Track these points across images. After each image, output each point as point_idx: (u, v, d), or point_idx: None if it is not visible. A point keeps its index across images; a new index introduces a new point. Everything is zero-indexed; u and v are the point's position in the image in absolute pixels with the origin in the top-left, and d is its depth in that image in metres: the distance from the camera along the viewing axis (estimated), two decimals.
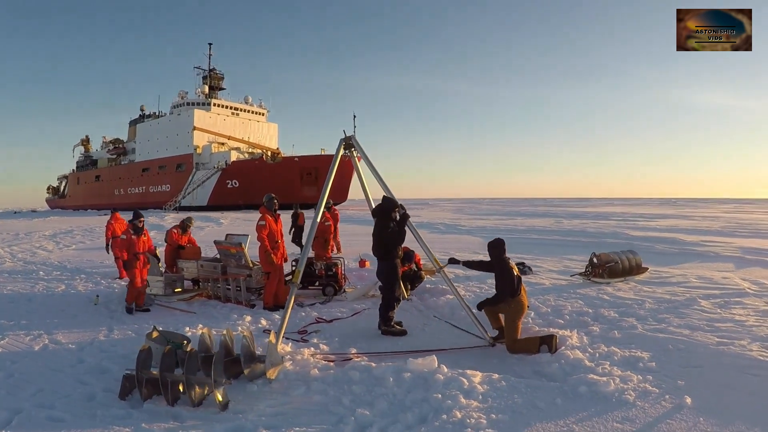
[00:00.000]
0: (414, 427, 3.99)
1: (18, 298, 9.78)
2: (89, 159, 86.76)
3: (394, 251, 6.95)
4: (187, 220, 12.43)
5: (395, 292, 6.92)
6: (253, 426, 4.13)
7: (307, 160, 58.41)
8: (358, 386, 4.75)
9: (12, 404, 4.66)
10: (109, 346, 6.54)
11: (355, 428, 4.02)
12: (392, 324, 6.83)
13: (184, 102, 68.52)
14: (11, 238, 24.37)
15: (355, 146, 7.70)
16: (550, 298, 8.24)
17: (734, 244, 16.17)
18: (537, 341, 5.88)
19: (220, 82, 72.27)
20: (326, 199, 7.42)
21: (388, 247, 6.91)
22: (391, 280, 6.91)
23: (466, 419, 4.03)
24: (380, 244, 7.00)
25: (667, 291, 8.91)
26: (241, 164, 60.06)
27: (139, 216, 9.20)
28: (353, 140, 7.66)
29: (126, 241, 8.92)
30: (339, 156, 7.61)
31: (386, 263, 6.94)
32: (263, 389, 4.93)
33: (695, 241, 16.91)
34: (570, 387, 4.67)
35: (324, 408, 4.44)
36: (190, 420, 4.34)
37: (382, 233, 6.95)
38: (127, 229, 9.13)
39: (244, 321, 7.63)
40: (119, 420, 4.35)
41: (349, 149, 7.74)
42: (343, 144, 7.63)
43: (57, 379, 5.33)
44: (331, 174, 7.43)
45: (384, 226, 6.99)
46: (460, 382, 4.61)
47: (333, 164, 7.56)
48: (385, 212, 7.06)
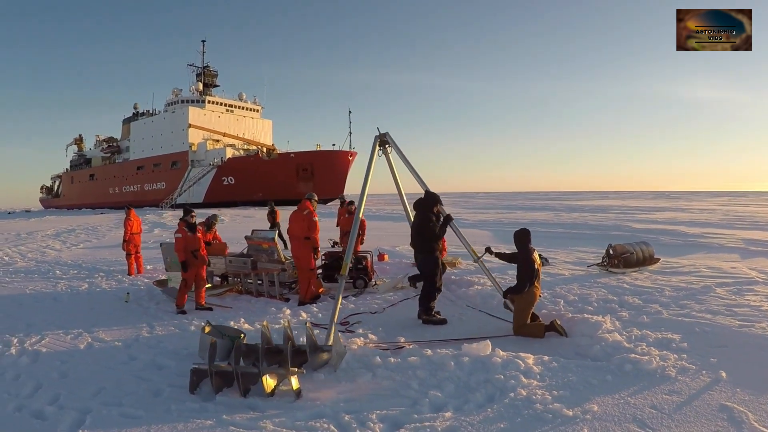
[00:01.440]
0: (484, 405, 4.31)
1: (43, 297, 9.78)
2: (83, 158, 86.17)
3: (436, 245, 7.24)
4: (212, 218, 12.46)
5: (436, 283, 7.22)
6: (334, 412, 4.30)
7: (303, 156, 58.55)
8: (421, 371, 5.04)
9: (77, 404, 4.65)
10: (155, 343, 6.58)
11: (431, 409, 4.31)
12: (433, 314, 7.15)
13: (178, 99, 68.25)
14: (14, 239, 24.27)
15: (390, 142, 7.99)
16: (575, 287, 8.66)
17: (736, 236, 16.69)
18: (543, 328, 6.30)
19: (213, 79, 72.14)
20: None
21: (430, 240, 7.17)
22: (433, 272, 7.20)
23: (531, 396, 4.39)
24: (421, 237, 7.25)
25: (681, 280, 9.36)
26: (237, 161, 60.08)
27: (190, 211, 8.79)
28: (388, 137, 7.93)
29: (182, 240, 8.33)
30: (375, 153, 7.86)
31: (429, 257, 7.21)
32: (329, 377, 5.11)
33: (698, 233, 17.42)
34: (616, 365, 5.08)
35: (395, 392, 4.69)
36: (269, 409, 4.44)
37: (424, 226, 7.19)
38: (182, 227, 8.48)
39: (284, 314, 7.80)
40: (196, 413, 4.41)
41: (383, 146, 8.03)
42: (378, 141, 7.92)
43: (114, 377, 5.35)
44: (369, 170, 7.66)
45: (426, 219, 7.24)
46: (516, 363, 5.00)
47: (370, 162, 7.77)
48: (428, 206, 7.30)
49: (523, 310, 6.48)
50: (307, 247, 8.65)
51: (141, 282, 11.15)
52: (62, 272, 12.91)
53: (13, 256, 16.74)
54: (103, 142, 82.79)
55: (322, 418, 4.18)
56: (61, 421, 4.32)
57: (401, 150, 8.03)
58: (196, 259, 8.43)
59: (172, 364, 5.71)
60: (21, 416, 4.47)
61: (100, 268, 13.40)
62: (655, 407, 4.20)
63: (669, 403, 4.27)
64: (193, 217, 8.65)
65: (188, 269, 8.32)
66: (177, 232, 8.42)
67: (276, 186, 55.98)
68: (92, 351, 6.33)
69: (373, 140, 7.90)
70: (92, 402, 4.70)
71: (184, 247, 8.32)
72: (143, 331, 7.17)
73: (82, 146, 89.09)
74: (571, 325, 6.44)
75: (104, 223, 33.98)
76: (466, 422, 4.00)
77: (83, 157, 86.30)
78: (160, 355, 6.01)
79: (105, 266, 13.79)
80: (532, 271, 6.51)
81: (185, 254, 8.33)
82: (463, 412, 4.20)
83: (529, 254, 6.63)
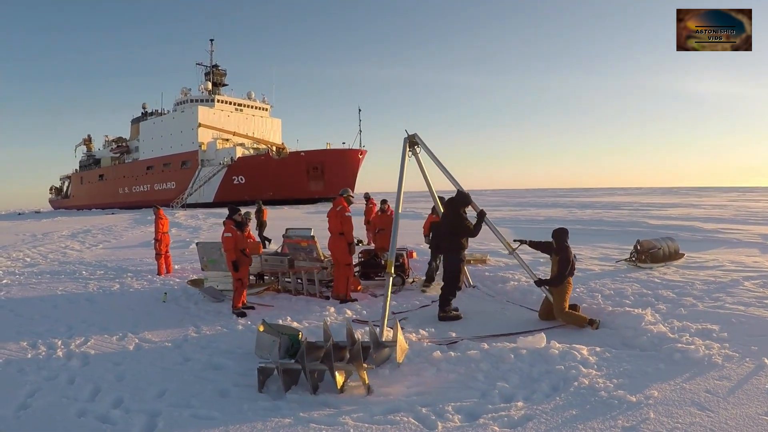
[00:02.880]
0: (551, 395, 4.57)
1: (76, 298, 9.73)
2: (92, 158, 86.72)
3: (465, 243, 7.46)
4: (246, 215, 12.86)
5: (459, 282, 7.47)
6: (409, 405, 4.42)
7: (313, 154, 58.84)
8: (483, 364, 5.27)
9: (143, 407, 4.62)
10: (206, 343, 6.56)
11: (501, 399, 4.55)
12: (449, 310, 7.35)
13: (187, 99, 68.61)
14: (31, 239, 24.41)
15: (419, 143, 8.16)
16: (608, 282, 8.96)
17: (752, 231, 16.93)
18: (586, 319, 6.67)
19: (222, 78, 72.48)
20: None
21: (460, 237, 7.39)
22: (459, 270, 7.44)
23: (594, 384, 4.67)
24: (453, 235, 7.43)
25: (708, 274, 9.62)
26: (248, 160, 60.36)
27: (237, 210, 8.63)
28: (417, 137, 8.11)
29: (233, 239, 8.17)
30: (406, 154, 8.00)
31: (456, 255, 7.43)
32: (394, 372, 5.25)
33: (714, 229, 17.65)
34: (665, 355, 5.39)
35: (463, 384, 4.88)
36: (344, 405, 4.50)
37: (459, 224, 7.38)
38: (230, 226, 8.32)
39: (329, 312, 7.92)
40: (272, 412, 4.43)
41: (413, 147, 8.20)
42: (408, 142, 8.01)
43: (174, 378, 5.31)
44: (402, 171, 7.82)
45: (461, 216, 7.44)
46: (573, 354, 5.30)
47: (402, 162, 7.93)
48: (460, 205, 7.52)
49: (562, 296, 6.85)
50: (343, 243, 8.73)
51: (173, 282, 11.24)
52: (89, 273, 12.98)
53: (34, 257, 16.83)
54: (112, 142, 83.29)
55: (399, 412, 4.31)
56: (132, 424, 4.29)
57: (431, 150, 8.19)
58: (246, 258, 8.38)
59: (229, 363, 5.74)
60: (87, 421, 4.39)
61: (126, 269, 13.50)
62: (710, 392, 4.51)
63: (721, 388, 4.58)
64: (240, 216, 8.55)
65: (240, 268, 8.25)
66: (226, 231, 8.27)
67: (287, 185, 56.31)
68: (143, 352, 6.31)
69: (403, 141, 8.01)
70: (159, 404, 4.66)
71: (235, 246, 8.19)
72: (190, 331, 7.18)
73: (91, 147, 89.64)
74: (613, 317, 6.76)
75: (118, 224, 34.31)
76: (539, 410, 4.24)
77: (92, 158, 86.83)
78: (215, 355, 6.03)
79: (131, 266, 13.89)
80: (571, 268, 6.93)
81: (236, 253, 8.19)
82: (533, 401, 4.44)
83: (568, 251, 6.99)
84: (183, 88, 70.33)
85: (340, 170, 57.88)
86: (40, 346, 6.57)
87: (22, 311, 8.67)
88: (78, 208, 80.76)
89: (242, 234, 8.42)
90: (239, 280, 8.25)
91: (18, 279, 12.24)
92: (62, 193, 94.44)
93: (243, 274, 8.34)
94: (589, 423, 3.98)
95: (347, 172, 59.00)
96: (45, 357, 6.16)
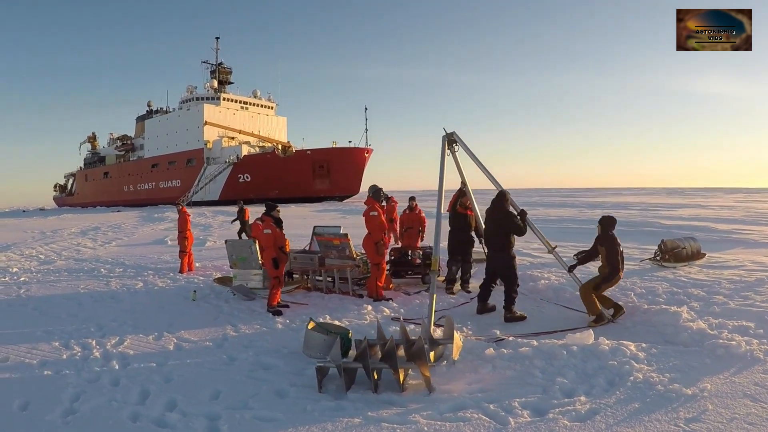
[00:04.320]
0: (610, 389, 4.70)
1: (100, 296, 9.65)
2: (97, 156, 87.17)
3: (513, 241, 7.59)
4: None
5: (517, 280, 7.55)
6: (475, 402, 4.46)
7: (320, 153, 59.13)
8: (537, 360, 5.35)
9: (201, 409, 4.50)
10: (248, 342, 6.47)
11: (563, 394, 4.62)
12: (515, 311, 7.43)
13: (192, 97, 68.91)
14: (40, 237, 24.38)
15: (458, 141, 8.29)
16: (637, 281, 9.14)
17: (766, 232, 17.12)
18: (598, 310, 6.88)
19: (228, 76, 72.82)
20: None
21: (510, 236, 7.50)
22: (514, 269, 7.53)
23: (649, 379, 4.82)
24: (501, 234, 7.52)
25: (733, 274, 9.77)
26: (254, 158, 60.61)
27: (275, 206, 8.53)
28: (455, 135, 8.21)
29: (272, 236, 8.15)
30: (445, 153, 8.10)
31: (508, 254, 7.52)
32: (451, 370, 5.30)
33: (728, 230, 17.81)
34: (708, 350, 5.57)
35: (522, 381, 4.94)
36: (410, 404, 4.50)
37: (510, 223, 7.47)
38: (269, 222, 8.27)
39: (367, 310, 7.95)
40: (337, 412, 4.39)
41: (451, 145, 8.31)
42: (446, 140, 8.07)
43: (224, 379, 5.21)
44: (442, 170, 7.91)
45: (511, 214, 7.55)
46: (622, 350, 5.45)
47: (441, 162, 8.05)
48: (505, 203, 7.66)
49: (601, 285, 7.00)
50: (372, 242, 8.77)
51: (197, 280, 11.18)
52: (107, 270, 12.94)
53: (48, 255, 16.76)
54: (117, 140, 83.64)
55: (467, 409, 4.35)
56: (194, 429, 4.19)
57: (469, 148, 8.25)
58: (284, 256, 8.38)
59: (279, 363, 5.65)
60: (144, 426, 4.27)
61: (146, 266, 13.45)
62: (758, 384, 4.69)
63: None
64: (278, 212, 8.48)
65: (279, 266, 8.20)
66: (265, 228, 8.21)
67: (293, 183, 56.57)
68: (185, 352, 6.19)
69: (442, 140, 8.09)
70: (215, 406, 4.55)
71: (275, 243, 8.16)
72: (228, 330, 7.08)
73: (95, 144, 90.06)
74: (650, 315, 6.95)
75: (126, 221, 34.36)
76: (603, 404, 4.36)
77: (97, 155, 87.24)
78: (261, 355, 5.94)
79: (150, 264, 13.87)
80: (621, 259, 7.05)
81: (276, 251, 8.17)
82: (594, 396, 4.56)
83: (615, 242, 7.07)
84: (189, 86, 70.75)
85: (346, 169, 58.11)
86: (74, 347, 6.43)
87: (46, 310, 8.59)
88: (83, 206, 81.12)
89: (281, 231, 8.42)
90: (276, 278, 8.20)
91: (36, 276, 12.21)
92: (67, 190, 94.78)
93: (281, 272, 8.32)
94: (652, 415, 4.14)
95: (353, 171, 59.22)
96: (81, 358, 6.02)
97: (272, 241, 8.19)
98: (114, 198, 76.55)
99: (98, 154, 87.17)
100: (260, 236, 8.42)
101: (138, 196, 72.93)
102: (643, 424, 4.00)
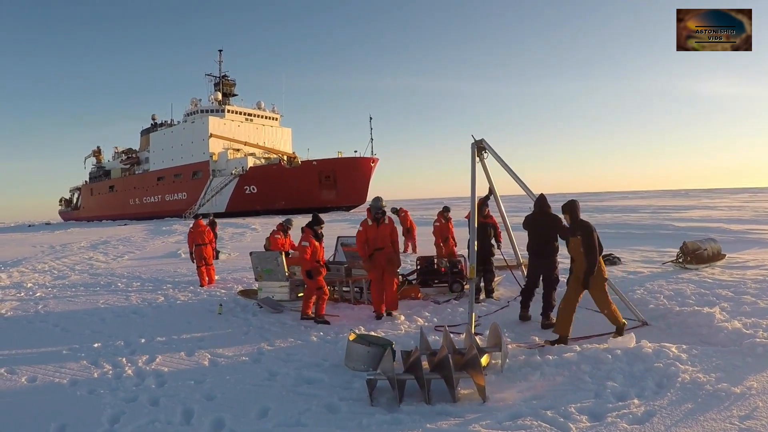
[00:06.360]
0: (660, 391, 4.61)
1: (121, 311, 9.48)
2: (102, 170, 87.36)
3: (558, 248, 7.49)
4: (287, 222, 12.52)
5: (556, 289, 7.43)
6: (531, 410, 4.38)
7: (325, 163, 59.17)
8: (584, 365, 5.28)
9: (251, 428, 4.34)
10: (285, 356, 6.30)
11: (616, 398, 4.57)
12: (552, 317, 7.28)
13: (197, 109, 69.14)
14: (50, 251, 24.23)
15: (487, 148, 8.27)
16: (663, 283, 8.99)
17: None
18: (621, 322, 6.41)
19: (232, 88, 73.14)
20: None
21: (556, 243, 7.39)
22: (558, 275, 7.45)
23: (697, 380, 4.72)
24: (549, 241, 7.38)
25: (756, 274, 9.61)
26: (260, 170, 60.74)
27: (321, 221, 8.53)
28: (484, 143, 8.19)
29: (311, 248, 8.16)
30: (475, 160, 8.06)
31: (554, 260, 7.45)
32: (500, 378, 5.19)
33: (741, 230, 17.71)
34: (747, 349, 5.46)
35: (574, 386, 4.86)
36: (467, 414, 4.44)
37: (559, 228, 7.19)
38: (309, 235, 8.29)
39: (400, 321, 7.88)
40: (395, 426, 4.29)
41: (480, 152, 8.17)
42: (476, 147, 7.96)
43: (269, 395, 5.05)
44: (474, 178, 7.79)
45: (559, 219, 7.24)
46: (665, 352, 5.33)
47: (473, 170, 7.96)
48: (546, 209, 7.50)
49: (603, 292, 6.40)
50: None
51: (219, 293, 10.96)
52: (124, 284, 12.70)
53: (61, 269, 16.60)
54: (122, 153, 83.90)
55: (525, 417, 4.27)
56: None
57: (499, 155, 8.17)
58: (323, 267, 8.37)
59: (323, 377, 5.50)
60: None
61: (163, 280, 13.27)
62: None
63: None
64: (321, 228, 8.49)
65: (314, 278, 8.15)
66: (303, 240, 8.26)
67: (299, 194, 56.60)
68: (222, 368, 5.98)
69: (471, 147, 8.02)
70: (266, 424, 4.39)
71: (311, 256, 8.18)
72: (264, 344, 6.87)
73: (100, 158, 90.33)
74: (684, 317, 6.91)
75: (135, 235, 34.15)
76: (657, 406, 4.28)
77: (102, 169, 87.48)
78: (302, 369, 5.76)
79: (168, 277, 13.66)
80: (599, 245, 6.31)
81: (312, 263, 8.17)
82: (646, 398, 4.48)
83: (590, 228, 6.31)
84: (193, 99, 70.94)
85: (352, 179, 58.14)
86: (104, 365, 6.22)
87: (68, 326, 8.38)
88: (88, 220, 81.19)
89: (320, 244, 8.41)
90: (320, 288, 8.16)
91: (52, 292, 12.01)
92: (72, 204, 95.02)
93: (314, 284, 8.21)
94: (707, 414, 4.08)
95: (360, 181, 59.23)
96: (114, 376, 5.81)
97: (309, 254, 8.16)
98: (120, 211, 76.64)
99: (103, 168, 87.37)
100: (299, 247, 8.40)
101: (144, 210, 73.05)
102: (700, 424, 3.97)
